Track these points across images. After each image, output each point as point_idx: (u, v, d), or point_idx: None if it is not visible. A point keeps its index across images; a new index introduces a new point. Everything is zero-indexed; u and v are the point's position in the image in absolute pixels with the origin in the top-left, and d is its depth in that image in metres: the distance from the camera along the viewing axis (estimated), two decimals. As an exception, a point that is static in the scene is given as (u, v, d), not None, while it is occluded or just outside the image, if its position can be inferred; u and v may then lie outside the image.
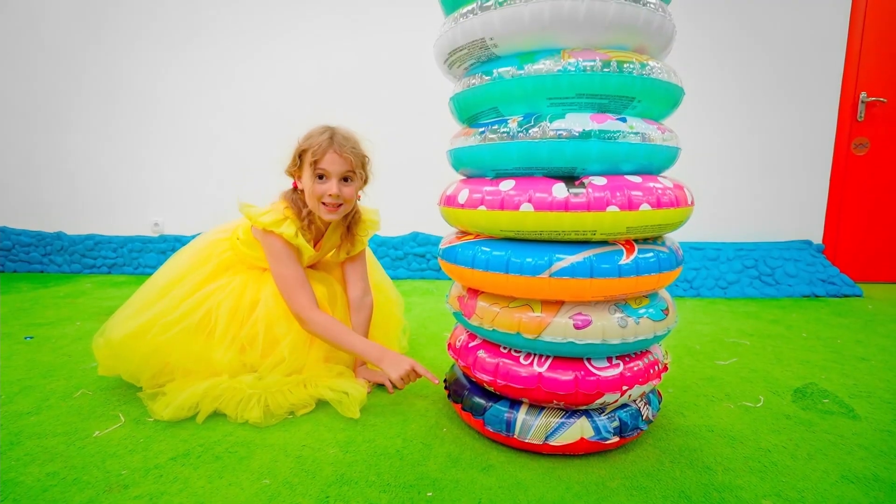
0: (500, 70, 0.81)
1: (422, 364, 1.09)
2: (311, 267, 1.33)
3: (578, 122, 0.77)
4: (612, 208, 0.75)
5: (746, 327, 1.81)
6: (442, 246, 1.00)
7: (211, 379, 1.09)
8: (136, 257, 2.77)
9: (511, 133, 0.80)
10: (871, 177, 2.66)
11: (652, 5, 0.77)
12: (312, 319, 1.12)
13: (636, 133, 0.78)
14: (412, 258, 2.67)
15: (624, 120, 0.78)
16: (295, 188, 1.19)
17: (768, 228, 2.69)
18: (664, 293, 0.96)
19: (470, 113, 0.90)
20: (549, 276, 0.79)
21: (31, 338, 1.61)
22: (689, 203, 0.85)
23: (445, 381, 1.14)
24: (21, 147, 2.79)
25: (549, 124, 0.77)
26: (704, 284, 2.38)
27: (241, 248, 1.25)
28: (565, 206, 0.76)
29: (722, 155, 2.66)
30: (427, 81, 2.38)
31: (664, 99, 0.83)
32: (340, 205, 1.16)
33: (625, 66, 0.77)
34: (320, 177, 1.12)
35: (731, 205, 2.69)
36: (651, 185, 0.80)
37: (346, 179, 1.15)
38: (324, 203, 1.14)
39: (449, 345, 1.09)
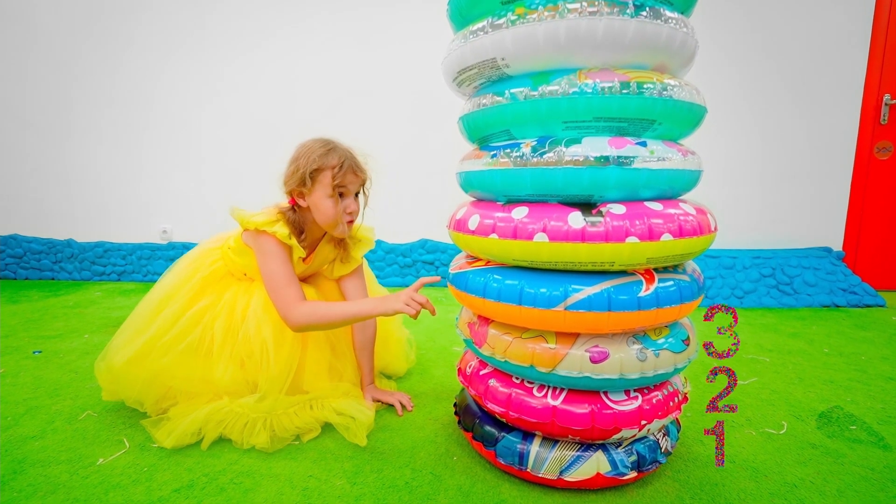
0: (513, 91, 0.77)
1: (430, 383, 1.07)
2: (303, 281, 1.29)
3: (596, 147, 0.72)
4: (632, 239, 0.71)
5: (765, 341, 1.76)
6: (452, 271, 0.96)
7: (213, 403, 1.07)
8: (144, 264, 2.77)
9: (524, 158, 0.76)
10: (895, 182, 2.57)
11: (674, 22, 0.73)
12: (296, 312, 1.04)
13: (657, 159, 0.73)
14: (421, 266, 2.64)
15: (644, 144, 0.74)
16: (294, 207, 1.14)
17: (786, 235, 2.62)
18: (685, 320, 0.91)
19: (480, 134, 0.87)
20: (565, 309, 0.75)
21: (40, 352, 1.61)
22: (713, 229, 0.81)
23: (455, 405, 1.11)
24: (32, 155, 2.80)
25: (564, 149, 0.73)
26: (720, 294, 2.32)
27: (231, 256, 1.21)
28: (582, 236, 0.72)
29: (739, 159, 2.59)
30: (435, 87, 2.34)
31: (686, 120, 0.78)
32: (352, 221, 1.16)
33: (645, 87, 0.73)
34: (340, 195, 1.11)
35: (747, 211, 2.62)
36: (672, 211, 0.76)
37: (356, 195, 1.16)
38: (339, 223, 1.13)
39: (459, 370, 1.06)
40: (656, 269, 0.80)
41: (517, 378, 0.89)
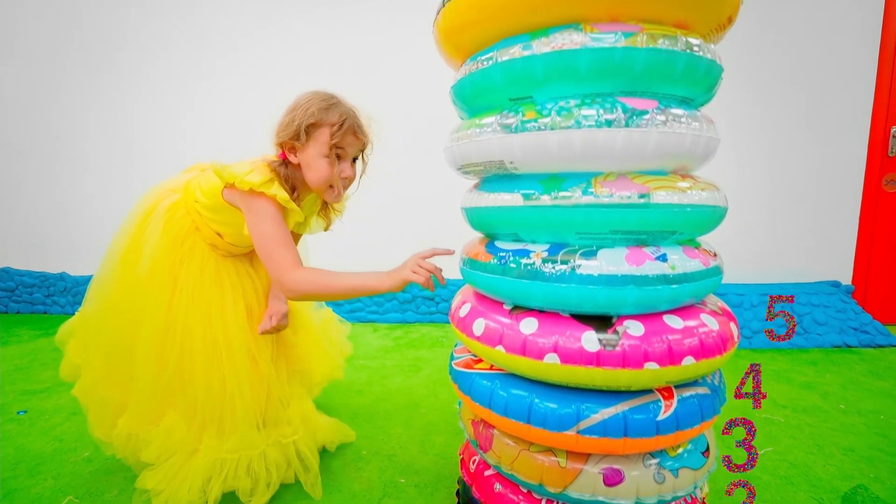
0: (522, 192, 0.72)
1: (431, 453, 1.01)
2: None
3: (612, 262, 0.67)
4: (651, 365, 0.66)
5: (778, 395, 1.70)
6: (455, 365, 0.90)
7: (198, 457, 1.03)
8: (138, 299, 2.71)
9: (534, 269, 0.70)
10: (905, 214, 2.52)
11: (696, 125, 0.67)
12: (294, 277, 0.94)
13: (679, 274, 0.68)
14: (421, 301, 2.58)
15: (664, 258, 0.68)
16: (285, 161, 1.01)
17: (793, 268, 2.57)
18: (704, 424, 0.85)
19: (485, 231, 0.81)
20: (577, 433, 0.69)
21: (25, 412, 1.55)
22: (736, 339, 0.75)
23: (458, 493, 1.05)
24: (25, 187, 2.75)
25: (578, 262, 0.67)
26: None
27: (202, 212, 1.06)
28: (597, 360, 0.66)
29: (745, 190, 2.54)
30: (437, 110, 2.29)
31: (707, 224, 0.73)
32: (346, 186, 1.06)
33: (666, 195, 0.67)
34: (338, 156, 1.00)
35: (754, 242, 2.57)
36: (694, 325, 0.70)
37: (353, 160, 1.05)
38: (331, 186, 1.02)
39: (462, 461, 1.00)
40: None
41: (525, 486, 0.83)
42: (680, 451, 0.77)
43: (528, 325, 0.72)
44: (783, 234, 2.56)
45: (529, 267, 0.71)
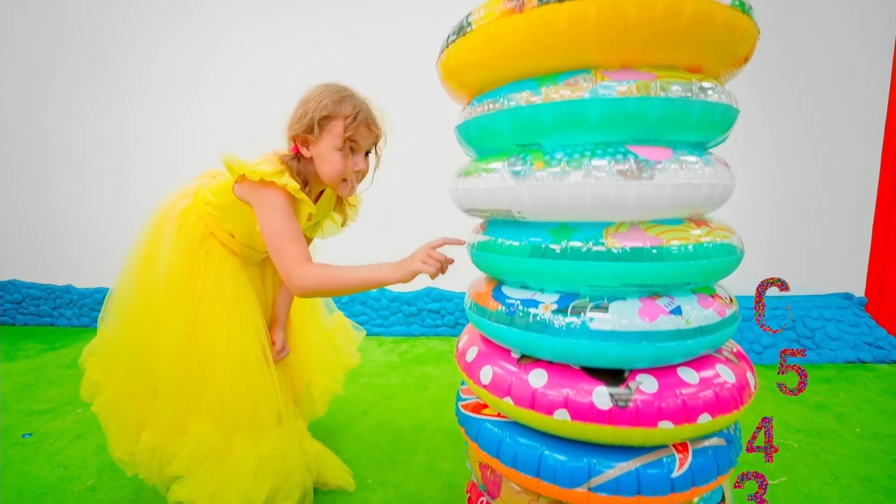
0: (530, 242, 0.69)
1: (437, 481, 0.98)
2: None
3: (625, 315, 0.64)
4: (666, 424, 0.63)
5: (791, 417, 1.66)
6: (462, 408, 0.88)
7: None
8: (144, 311, 2.71)
9: (543, 321, 0.68)
10: (920, 225, 2.46)
11: (711, 174, 0.65)
12: (304, 273, 0.91)
13: (694, 328, 0.65)
14: (426, 314, 2.56)
15: (679, 312, 0.65)
16: (297, 155, 0.99)
17: (805, 280, 2.52)
18: (718, 470, 0.83)
19: (492, 275, 0.79)
20: (589, 490, 0.67)
21: (30, 435, 1.54)
22: (753, 388, 0.72)
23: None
24: (32, 200, 2.76)
25: (589, 316, 0.65)
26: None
27: (213, 213, 1.04)
28: (608, 418, 0.64)
29: (754, 200, 2.49)
30: (445, 123, 2.27)
31: (723, 272, 0.70)
32: (359, 180, 1.04)
33: (680, 247, 0.64)
34: (351, 150, 0.97)
35: (765, 253, 2.52)
36: (710, 376, 0.68)
37: (366, 153, 1.02)
38: (345, 180, 1.00)
39: (469, 501, 0.98)
40: (690, 434, 0.72)
41: (534, 535, 0.81)
42: (695, 499, 0.75)
43: (538, 377, 0.70)
44: (794, 245, 2.51)
45: (538, 318, 0.68)
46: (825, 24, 2.37)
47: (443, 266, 0.87)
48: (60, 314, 2.75)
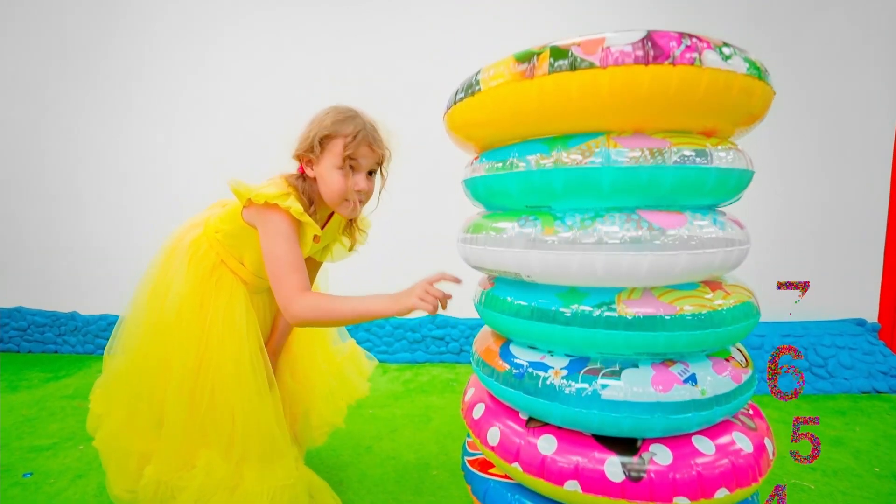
0: (539, 304, 0.67)
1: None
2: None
3: (638, 384, 0.62)
4: (682, 500, 0.60)
5: (806, 452, 1.61)
6: (468, 464, 0.86)
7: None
8: (148, 337, 2.70)
9: (553, 387, 0.66)
10: (933, 249, 2.43)
11: (726, 239, 0.63)
12: (300, 304, 0.90)
13: (710, 398, 0.63)
14: (430, 341, 2.54)
15: (694, 381, 0.63)
16: (303, 175, 1.00)
17: (815, 305, 2.48)
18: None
19: (499, 332, 0.77)
20: (603, 565, 0.64)
21: (31, 474, 1.52)
22: (772, 456, 0.70)
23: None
24: (37, 227, 2.77)
25: (601, 383, 0.63)
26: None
27: (223, 241, 1.05)
28: (621, 492, 0.61)
29: (762, 223, 2.46)
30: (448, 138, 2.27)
31: (740, 336, 0.68)
32: (362, 201, 1.02)
33: (694, 315, 0.62)
34: (351, 168, 0.97)
35: (772, 279, 2.48)
36: (726, 443, 0.65)
37: (370, 173, 1.01)
38: (346, 199, 0.98)
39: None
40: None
41: None
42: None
43: (547, 444, 0.67)
44: (804, 269, 2.47)
45: (548, 382, 0.66)
46: (831, 44, 2.36)
47: (441, 302, 0.84)
48: (65, 341, 2.74)
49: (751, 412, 0.74)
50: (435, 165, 2.27)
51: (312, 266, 1.20)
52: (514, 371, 0.70)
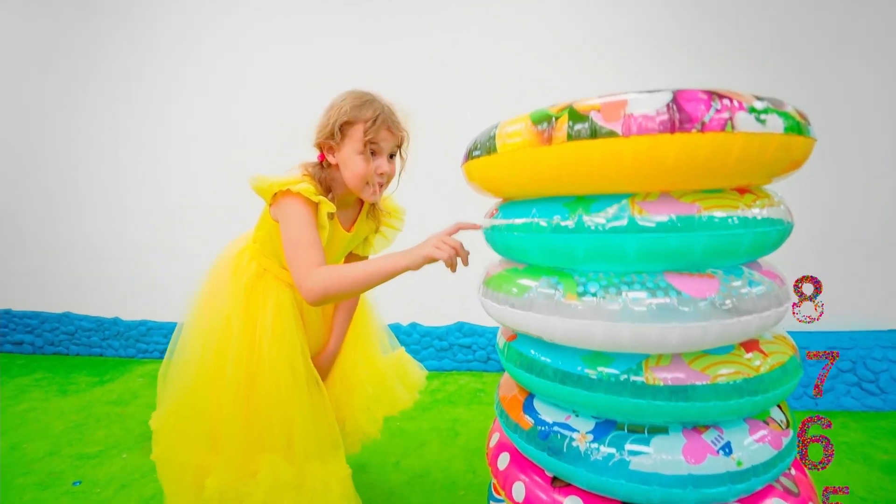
0: (562, 366, 0.65)
1: None
2: None
3: (668, 452, 0.59)
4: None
5: (854, 481, 1.53)
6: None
7: None
8: (185, 343, 2.80)
9: (578, 451, 0.64)
10: None
11: (764, 303, 0.59)
12: (313, 276, 0.88)
13: (747, 469, 0.59)
14: (458, 349, 2.54)
15: (729, 451, 0.60)
16: (322, 163, 1.02)
17: (864, 315, 2.34)
18: None
19: (521, 385, 0.75)
20: None
21: (80, 483, 1.61)
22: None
23: None
24: (85, 236, 2.91)
25: (629, 450, 0.60)
26: (792, 394, 2.08)
27: (261, 248, 1.09)
28: (652, 570, 0.59)
29: (807, 232, 2.32)
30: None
31: (780, 398, 0.64)
32: (383, 184, 1.03)
33: (729, 382, 0.59)
34: (372, 153, 0.98)
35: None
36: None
37: (391, 156, 1.02)
38: (368, 183, 1.00)
39: None
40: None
41: None
42: None
43: (573, 508, 0.66)
44: (851, 276, 2.33)
45: (573, 445, 0.64)
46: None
47: (458, 253, 0.82)
48: (109, 345, 2.88)
49: (793, 472, 0.70)
50: (435, 165, 2.25)
51: (356, 261, 1.19)
52: (539, 429, 0.69)
